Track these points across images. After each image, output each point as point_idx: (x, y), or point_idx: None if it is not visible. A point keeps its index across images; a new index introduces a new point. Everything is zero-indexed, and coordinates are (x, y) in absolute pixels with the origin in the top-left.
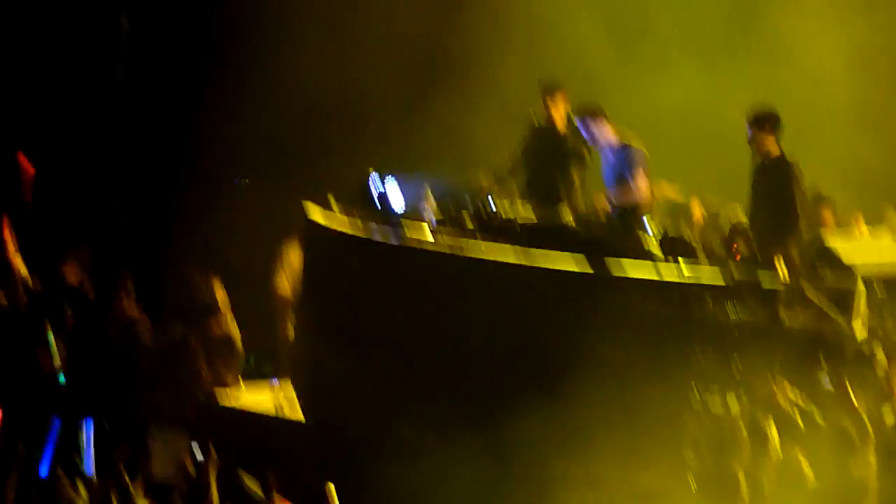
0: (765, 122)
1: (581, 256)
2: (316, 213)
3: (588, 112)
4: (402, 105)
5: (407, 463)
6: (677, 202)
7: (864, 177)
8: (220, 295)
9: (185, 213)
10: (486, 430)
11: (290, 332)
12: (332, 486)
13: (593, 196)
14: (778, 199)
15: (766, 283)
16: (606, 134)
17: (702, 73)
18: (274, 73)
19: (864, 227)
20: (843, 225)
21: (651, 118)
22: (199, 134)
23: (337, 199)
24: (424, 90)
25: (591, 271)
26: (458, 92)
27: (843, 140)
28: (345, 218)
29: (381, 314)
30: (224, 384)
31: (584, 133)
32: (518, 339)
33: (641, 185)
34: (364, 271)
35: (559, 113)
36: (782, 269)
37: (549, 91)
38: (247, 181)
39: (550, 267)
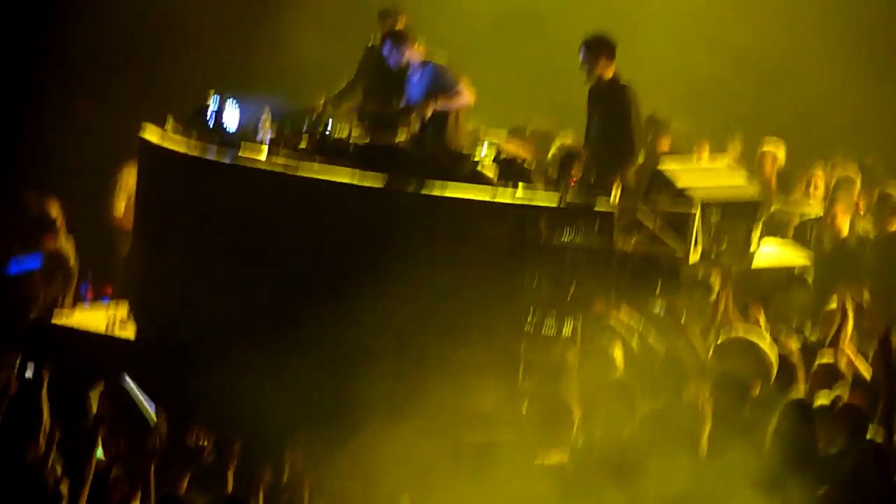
0: (597, 45)
1: (413, 177)
2: (152, 134)
3: (390, 35)
4: (241, 26)
5: (234, 379)
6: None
7: (710, 102)
8: (57, 215)
9: (22, 133)
10: (315, 350)
11: (126, 252)
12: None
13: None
14: (611, 122)
15: (600, 207)
16: (410, 54)
17: None
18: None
19: (705, 154)
20: (687, 151)
21: (476, 36)
22: (37, 53)
23: (175, 121)
24: (265, 10)
25: (422, 191)
26: (299, 14)
27: (686, 63)
28: (180, 138)
29: (213, 233)
30: (59, 304)
31: (388, 58)
32: (349, 258)
33: (455, 93)
34: (197, 189)
35: None
36: (616, 193)
37: (385, 15)
38: (85, 102)
39: (381, 187)
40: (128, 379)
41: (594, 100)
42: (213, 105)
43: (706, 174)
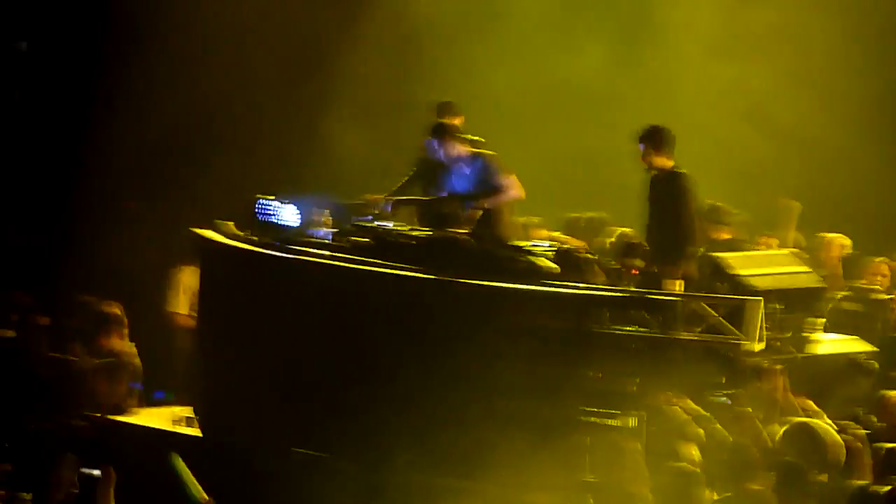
0: (654, 136)
1: (473, 271)
2: (212, 235)
3: (433, 133)
4: (294, 130)
5: (296, 481)
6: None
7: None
8: (119, 316)
9: (78, 235)
10: (376, 446)
11: (188, 353)
12: None
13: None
14: (671, 211)
15: (661, 296)
16: (455, 150)
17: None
18: (165, 97)
19: (771, 243)
20: (749, 242)
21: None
22: (92, 156)
23: (234, 223)
24: (317, 113)
25: (485, 283)
26: (351, 115)
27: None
28: (242, 236)
29: (277, 330)
30: (124, 407)
31: (431, 151)
32: (413, 352)
33: (505, 188)
34: (260, 287)
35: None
36: (678, 283)
37: (442, 109)
38: (136, 204)
39: (446, 279)
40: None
41: (653, 189)
42: (272, 205)
43: (768, 261)
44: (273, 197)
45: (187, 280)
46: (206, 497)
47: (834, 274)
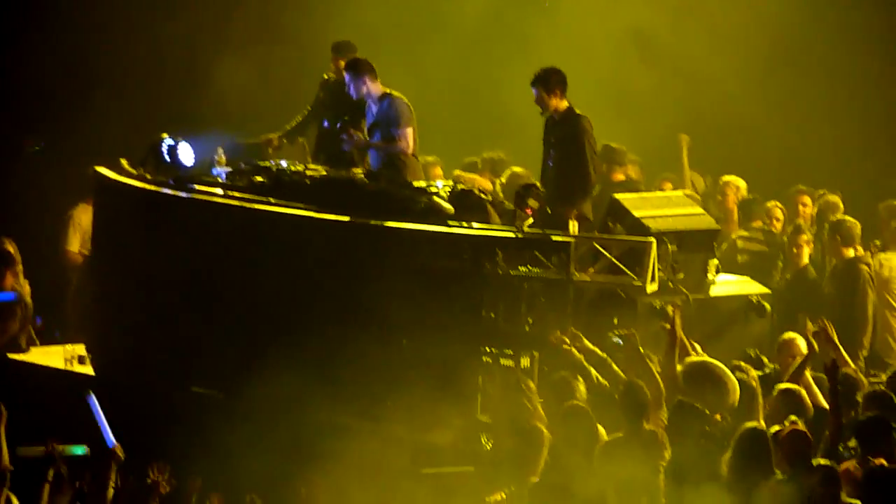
0: (547, 79)
1: (368, 211)
2: (108, 173)
3: (348, 68)
4: (195, 69)
5: (193, 420)
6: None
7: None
8: (13, 255)
9: None
10: (272, 384)
11: (81, 291)
12: None
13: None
14: (567, 153)
15: (557, 237)
16: (366, 87)
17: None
18: (67, 36)
19: (665, 186)
20: (645, 183)
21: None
22: None
23: (130, 164)
24: (216, 52)
25: (380, 224)
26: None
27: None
28: (136, 174)
29: (172, 269)
30: (15, 344)
31: (348, 84)
32: (305, 291)
33: (404, 136)
34: (154, 225)
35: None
36: (573, 223)
37: (337, 48)
38: (38, 147)
39: (336, 219)
40: (93, 398)
41: (549, 130)
42: (166, 144)
43: (662, 203)
44: (168, 136)
45: (81, 218)
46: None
47: (729, 216)
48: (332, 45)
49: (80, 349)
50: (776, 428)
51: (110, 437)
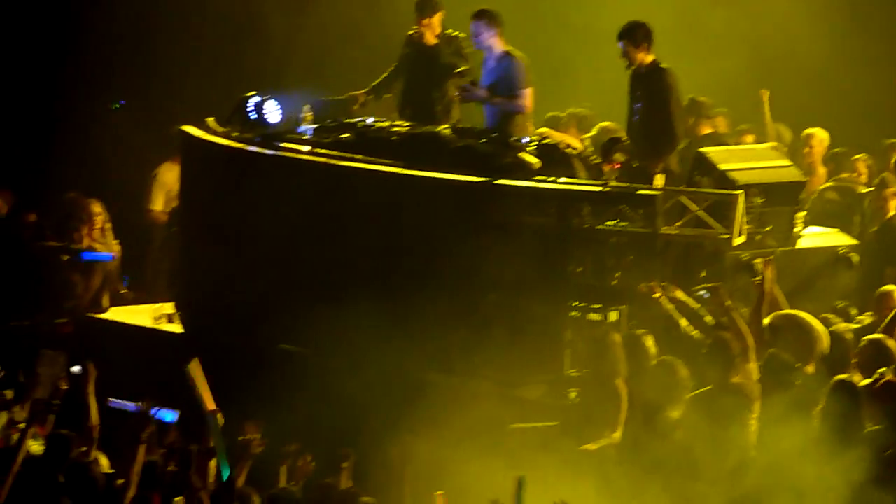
0: (634, 32)
1: (455, 166)
2: (194, 131)
3: (481, 14)
4: (277, 31)
5: (281, 377)
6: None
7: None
8: (102, 216)
9: (62, 136)
10: (360, 341)
11: (168, 250)
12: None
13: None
14: (653, 106)
15: (644, 191)
16: (492, 40)
17: None
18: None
19: (749, 139)
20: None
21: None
22: (75, 58)
23: (216, 122)
24: (303, 9)
25: (465, 179)
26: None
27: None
28: (223, 132)
29: (260, 227)
30: (96, 304)
31: (473, 33)
32: (392, 249)
33: (524, 98)
34: (241, 183)
35: (433, 30)
36: (659, 177)
37: (421, 7)
38: (118, 104)
39: (421, 174)
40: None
41: (635, 85)
42: (253, 101)
43: (749, 156)
44: (255, 93)
45: (165, 177)
46: (214, 406)
47: (814, 169)
48: (417, 2)
49: (169, 308)
50: (866, 380)
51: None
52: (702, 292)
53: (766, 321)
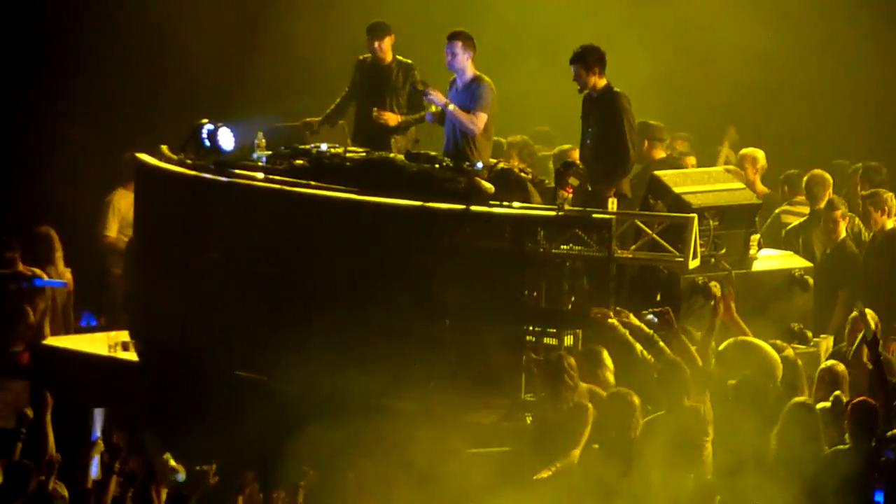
0: (585, 56)
1: (409, 191)
2: (148, 158)
3: (458, 35)
4: (230, 59)
5: (237, 404)
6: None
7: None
8: (50, 242)
9: (17, 160)
10: (315, 366)
11: (121, 277)
12: None
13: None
14: (606, 130)
15: (598, 215)
16: (465, 63)
17: None
18: (107, 25)
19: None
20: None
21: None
22: (33, 85)
23: (170, 149)
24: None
25: (421, 204)
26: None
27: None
28: (177, 160)
29: (212, 253)
30: (58, 331)
31: (448, 53)
32: (346, 274)
33: (479, 120)
34: (197, 210)
35: (384, 53)
36: (612, 202)
37: (373, 31)
38: (73, 130)
39: (376, 200)
40: None
41: (588, 108)
42: (206, 128)
43: (703, 179)
44: (208, 121)
45: (119, 203)
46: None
47: (752, 188)
48: (368, 26)
49: (124, 335)
50: (825, 403)
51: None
52: (650, 317)
53: (720, 347)
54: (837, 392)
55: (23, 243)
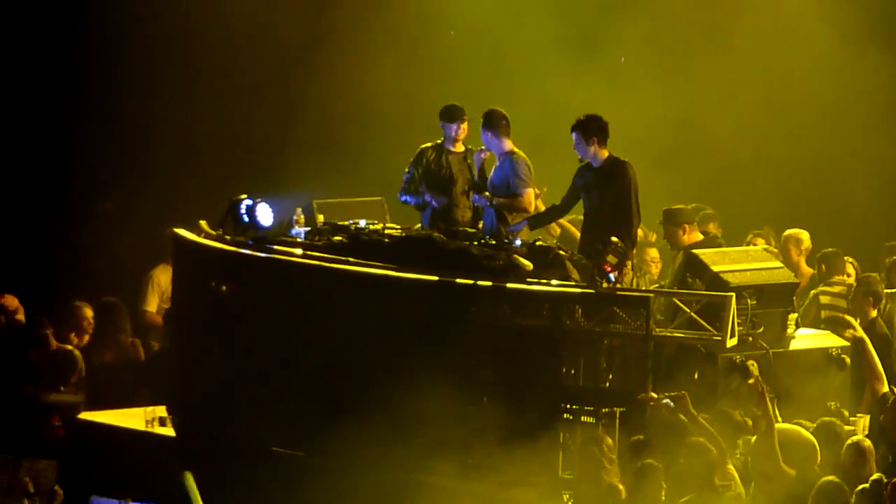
0: (585, 125)
1: (448, 268)
2: (187, 234)
3: (485, 117)
4: (272, 135)
5: (275, 480)
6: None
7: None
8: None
9: (57, 236)
10: (353, 442)
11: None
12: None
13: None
14: (613, 199)
15: (636, 293)
16: (496, 141)
17: None
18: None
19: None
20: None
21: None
22: (69, 157)
23: (209, 224)
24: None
25: (459, 281)
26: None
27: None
28: (215, 235)
29: (253, 329)
30: (93, 404)
31: (484, 141)
32: (385, 351)
33: (525, 197)
34: (233, 285)
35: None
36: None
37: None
38: (110, 206)
39: (415, 277)
40: None
41: (590, 178)
42: (245, 204)
43: (741, 258)
44: (246, 196)
45: (160, 278)
46: None
47: (796, 270)
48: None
49: (161, 410)
50: (864, 484)
51: None
52: (666, 400)
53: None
54: (878, 475)
55: (56, 319)
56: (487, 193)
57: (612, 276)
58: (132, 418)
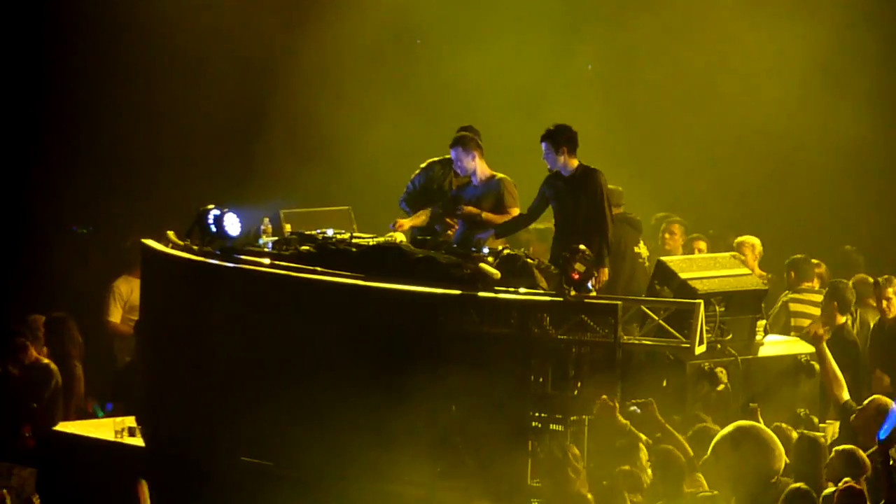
0: (555, 135)
1: (416, 277)
2: (154, 244)
3: (456, 142)
4: (239, 145)
5: (243, 490)
6: None
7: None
8: (74, 338)
9: (27, 261)
10: (322, 451)
11: (127, 362)
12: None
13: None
14: (585, 210)
15: (603, 301)
16: (472, 163)
17: None
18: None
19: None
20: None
21: None
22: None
23: (176, 235)
24: (257, 127)
25: (426, 290)
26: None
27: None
28: (182, 245)
29: (220, 338)
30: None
31: (455, 165)
32: (353, 360)
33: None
34: (202, 295)
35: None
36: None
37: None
38: (87, 230)
39: (382, 286)
40: None
41: (560, 187)
42: (212, 214)
43: (709, 265)
44: (213, 207)
45: (122, 289)
46: None
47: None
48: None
49: (130, 421)
50: (830, 489)
51: None
52: (633, 408)
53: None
54: (847, 479)
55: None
56: (470, 208)
57: (590, 285)
58: (102, 429)
